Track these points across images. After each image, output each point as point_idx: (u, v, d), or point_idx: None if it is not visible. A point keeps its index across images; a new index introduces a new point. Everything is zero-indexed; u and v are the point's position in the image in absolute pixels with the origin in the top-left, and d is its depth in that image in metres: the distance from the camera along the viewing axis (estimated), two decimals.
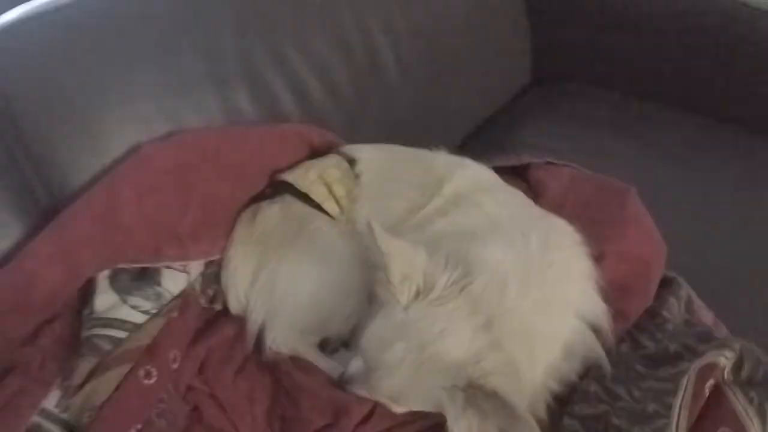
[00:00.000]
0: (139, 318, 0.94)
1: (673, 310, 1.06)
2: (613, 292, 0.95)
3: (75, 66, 1.03)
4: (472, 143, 1.72)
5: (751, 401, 0.88)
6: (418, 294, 0.81)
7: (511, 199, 1.08)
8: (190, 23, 1.15)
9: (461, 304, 0.80)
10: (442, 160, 1.10)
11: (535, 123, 1.82)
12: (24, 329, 0.90)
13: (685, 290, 1.12)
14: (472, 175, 1.08)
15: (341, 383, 0.89)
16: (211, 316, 1.03)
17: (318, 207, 1.06)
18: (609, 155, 1.65)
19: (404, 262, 0.80)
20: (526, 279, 0.84)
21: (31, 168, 0.99)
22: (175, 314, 0.97)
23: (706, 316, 1.10)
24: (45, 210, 0.99)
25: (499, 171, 1.18)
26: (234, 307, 1.04)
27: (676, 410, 0.87)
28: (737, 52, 1.89)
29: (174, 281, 0.99)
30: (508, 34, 1.98)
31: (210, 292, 1.04)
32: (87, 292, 0.95)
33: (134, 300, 0.94)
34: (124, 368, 0.88)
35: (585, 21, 2.05)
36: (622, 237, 1.11)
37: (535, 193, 1.25)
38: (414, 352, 0.78)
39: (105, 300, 0.93)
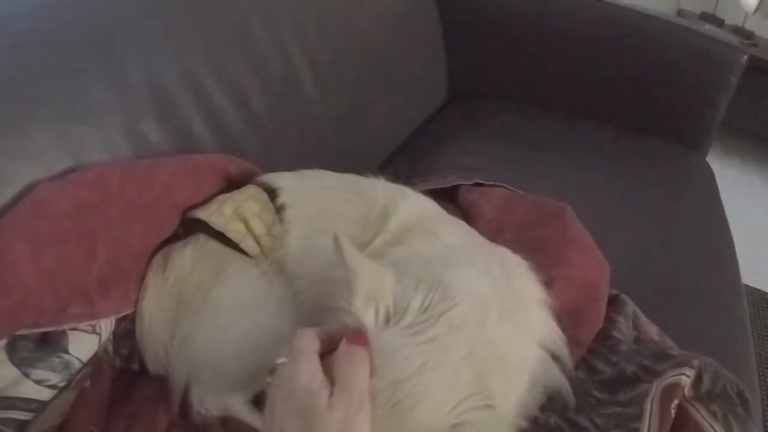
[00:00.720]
0: (45, 394, 0.82)
1: (623, 330, 1.06)
2: (565, 318, 0.92)
3: None
4: (393, 165, 1.71)
5: (714, 415, 0.88)
6: (387, 320, 0.71)
7: (460, 228, 1.03)
8: (96, 48, 1.05)
9: (441, 332, 0.71)
10: (381, 190, 1.03)
11: (455, 142, 1.82)
12: None
13: (630, 307, 1.13)
14: (416, 206, 1.02)
15: None
16: (128, 379, 0.94)
17: (236, 247, 0.98)
18: (529, 169, 1.69)
19: (371, 281, 0.71)
20: (501, 307, 0.78)
21: None
22: (87, 384, 0.86)
23: (651, 330, 1.10)
24: None
25: (429, 195, 1.13)
26: (153, 366, 0.94)
27: None
28: (646, 63, 1.98)
29: (83, 345, 0.87)
30: (424, 54, 2.00)
31: (124, 351, 0.95)
32: None
33: (38, 373, 0.82)
34: None
35: (496, 37, 2.10)
36: (568, 260, 1.10)
37: (468, 216, 1.23)
38: (386, 391, 0.67)
39: (4, 375, 0.80)
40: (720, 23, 3.56)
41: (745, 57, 1.94)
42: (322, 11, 1.53)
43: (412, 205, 1.01)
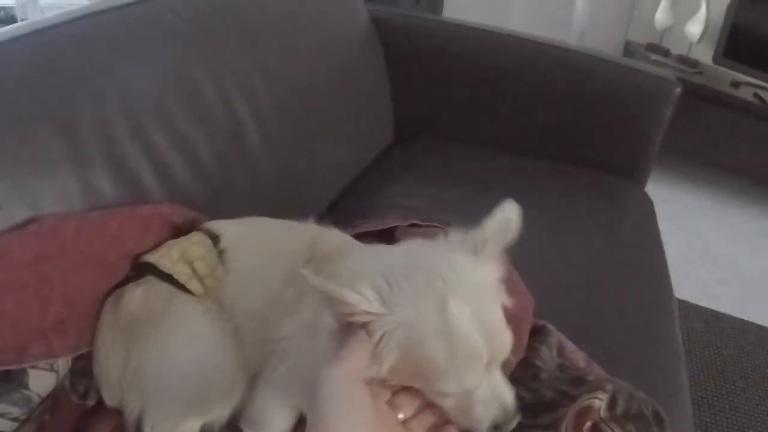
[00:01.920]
0: (8, 426, 0.89)
1: (545, 357, 1.10)
2: None
3: None
4: (339, 207, 1.75)
5: None
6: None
7: (371, 251, 1.06)
8: (47, 99, 1.10)
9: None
10: (310, 229, 1.10)
11: (398, 183, 1.87)
12: None
13: (555, 336, 1.17)
14: (336, 238, 1.08)
15: None
16: (84, 414, 0.98)
17: (182, 287, 1.03)
18: (470, 208, 1.67)
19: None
20: None
21: None
22: (46, 417, 0.92)
23: (578, 357, 1.15)
24: None
25: (366, 236, 1.20)
26: (109, 399, 0.99)
27: None
28: (583, 98, 2.07)
29: (42, 381, 0.94)
30: (368, 98, 2.04)
31: (81, 388, 0.99)
32: None
33: (1, 407, 0.89)
34: None
35: (438, 79, 2.16)
36: None
37: None
38: None
39: None
40: (666, 53, 3.65)
41: (679, 89, 2.01)
42: (264, 60, 1.56)
43: (336, 236, 1.08)
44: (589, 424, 0.93)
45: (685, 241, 3.16)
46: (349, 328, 0.72)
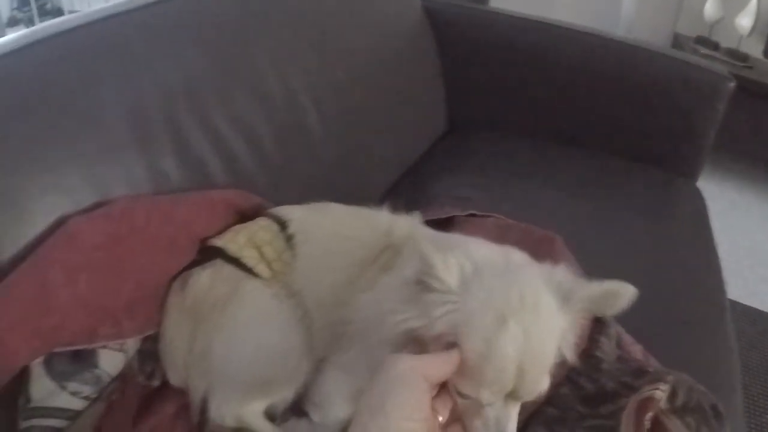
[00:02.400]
0: (79, 405, 0.90)
1: (606, 349, 1.10)
2: None
3: None
4: (393, 196, 1.74)
5: (688, 426, 0.93)
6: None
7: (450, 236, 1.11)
8: (114, 85, 1.12)
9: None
10: (383, 215, 1.10)
11: (451, 173, 1.87)
12: None
13: (614, 328, 1.17)
14: (415, 224, 1.09)
15: None
16: (149, 394, 1.00)
17: (249, 270, 1.04)
18: (524, 199, 1.73)
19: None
20: None
21: None
22: (115, 396, 0.94)
23: (635, 350, 1.15)
24: None
25: (427, 225, 1.19)
26: (174, 379, 1.02)
27: None
28: (636, 92, 2.03)
29: (112, 362, 0.95)
30: (423, 86, 2.04)
31: (147, 368, 1.01)
32: (18, 378, 0.90)
33: (73, 386, 0.90)
34: None
35: (491, 69, 2.15)
36: None
37: None
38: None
39: (42, 387, 0.89)
40: (715, 47, 3.58)
41: (732, 84, 1.97)
42: (323, 51, 1.58)
43: (411, 222, 1.08)
44: (650, 414, 0.93)
45: (731, 239, 3.12)
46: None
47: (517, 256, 0.86)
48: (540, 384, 0.73)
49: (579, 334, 0.80)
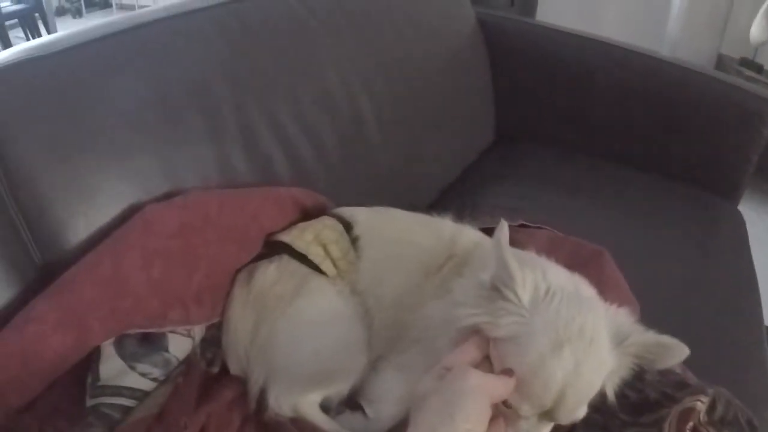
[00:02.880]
0: (147, 385, 0.93)
1: None
2: None
3: (74, 116, 1.00)
4: (442, 204, 1.76)
5: None
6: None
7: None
8: (189, 80, 1.16)
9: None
10: (446, 224, 1.14)
11: (499, 183, 1.89)
12: (26, 397, 0.88)
13: None
14: (477, 235, 1.12)
15: None
16: (210, 380, 1.03)
17: (315, 267, 1.08)
18: (565, 212, 1.74)
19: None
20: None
21: (24, 221, 0.94)
22: (180, 380, 0.97)
23: (675, 365, 1.16)
24: (38, 268, 0.96)
25: None
26: (234, 367, 1.04)
27: None
28: (680, 113, 2.03)
29: (180, 346, 0.98)
30: (474, 97, 2.07)
31: (209, 355, 1.04)
32: (88, 357, 0.92)
33: (142, 367, 0.93)
34: None
35: (541, 83, 2.16)
36: (603, 299, 1.16)
37: None
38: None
39: (112, 367, 0.91)
40: (759, 69, 3.55)
41: None
42: (383, 60, 1.62)
43: (473, 234, 1.11)
44: (690, 425, 0.94)
45: None
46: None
47: (586, 290, 0.89)
48: (576, 412, 0.77)
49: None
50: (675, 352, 0.80)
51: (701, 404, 0.96)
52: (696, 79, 2.05)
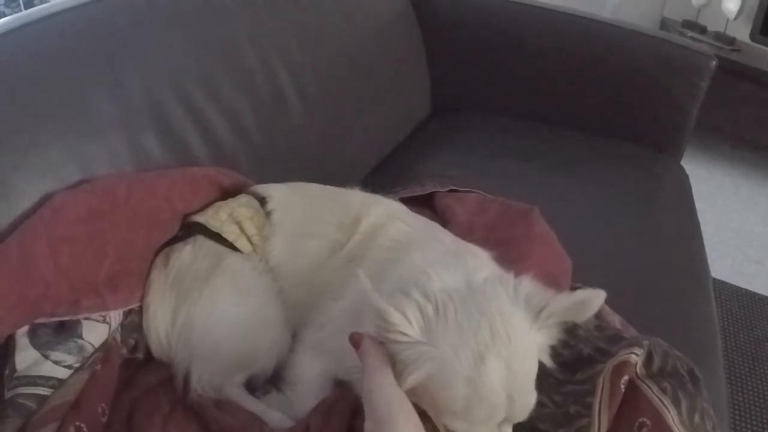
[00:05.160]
0: (62, 373, 0.91)
1: None
2: None
3: None
4: (376, 178, 1.76)
5: (664, 391, 0.93)
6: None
7: (419, 219, 1.12)
8: (96, 66, 1.14)
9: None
10: (356, 198, 1.13)
11: (437, 153, 1.89)
12: None
13: None
14: (384, 210, 1.10)
15: None
16: (133, 367, 1.02)
17: (230, 246, 1.07)
18: (510, 178, 1.75)
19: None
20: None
21: None
22: (98, 366, 0.95)
23: (614, 319, 1.17)
24: None
25: (406, 202, 1.21)
26: (157, 352, 1.03)
27: (596, 408, 0.92)
28: (619, 72, 2.06)
29: (95, 333, 0.96)
30: (407, 69, 2.05)
31: (131, 341, 1.03)
32: (4, 351, 0.91)
33: (56, 355, 0.92)
34: (53, 426, 0.85)
35: (476, 52, 2.17)
36: (530, 255, 1.17)
37: (442, 219, 1.30)
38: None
39: (26, 357, 0.90)
40: (702, 30, 3.61)
41: (714, 63, 2.00)
42: (305, 30, 1.60)
43: (381, 209, 1.09)
44: (625, 378, 0.94)
45: (720, 220, 3.15)
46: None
47: (479, 256, 0.91)
48: (530, 403, 0.76)
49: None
50: (593, 301, 0.78)
51: (635, 357, 0.96)
52: (634, 39, 2.08)
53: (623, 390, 0.93)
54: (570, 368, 1.00)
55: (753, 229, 3.17)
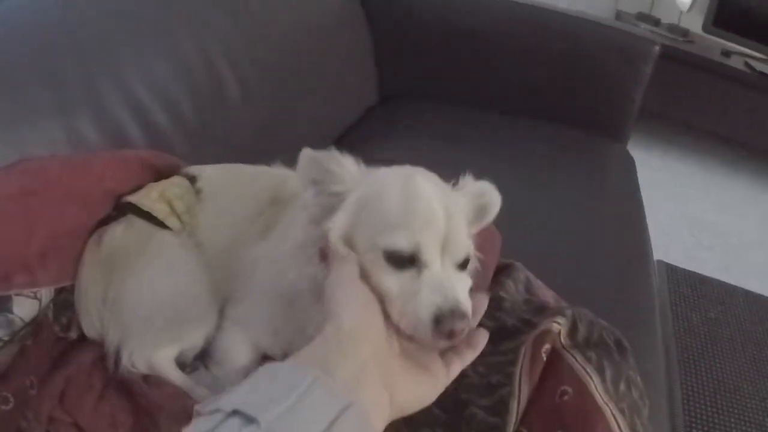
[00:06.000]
0: None
1: (510, 290, 1.13)
2: None
3: None
4: None
5: (589, 360, 0.95)
6: None
7: None
8: (33, 51, 1.16)
9: None
10: (277, 171, 1.16)
11: (381, 140, 1.92)
12: None
13: (523, 273, 1.21)
14: None
15: None
16: (66, 345, 1.04)
17: (160, 224, 1.09)
18: (455, 163, 1.72)
19: None
20: None
21: None
22: (29, 341, 0.97)
23: (546, 294, 1.19)
24: None
25: None
26: (89, 330, 1.05)
27: (517, 377, 0.94)
28: (564, 58, 2.13)
29: (25, 308, 0.98)
30: (351, 59, 2.08)
31: (63, 320, 1.04)
32: None
33: None
34: None
35: (424, 41, 2.20)
36: None
37: None
38: None
39: None
40: (656, 22, 3.67)
41: (657, 47, 2.06)
42: (244, 20, 1.62)
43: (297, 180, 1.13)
44: (547, 347, 0.96)
45: (673, 207, 3.21)
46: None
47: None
48: (466, 239, 0.83)
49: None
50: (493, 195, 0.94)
51: (558, 325, 0.97)
52: (578, 26, 2.14)
53: (545, 359, 0.95)
54: (494, 340, 0.97)
55: (706, 216, 3.23)
